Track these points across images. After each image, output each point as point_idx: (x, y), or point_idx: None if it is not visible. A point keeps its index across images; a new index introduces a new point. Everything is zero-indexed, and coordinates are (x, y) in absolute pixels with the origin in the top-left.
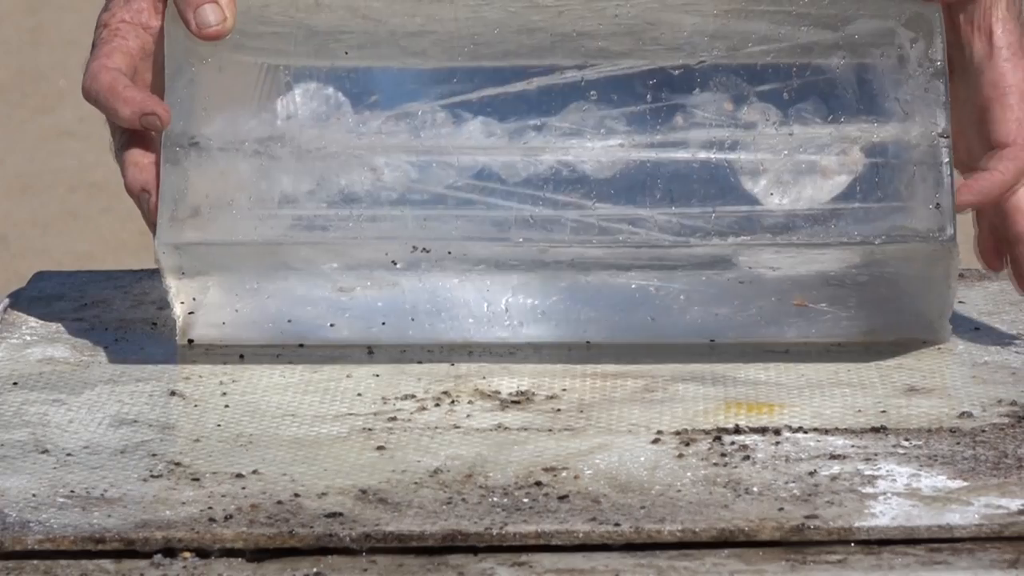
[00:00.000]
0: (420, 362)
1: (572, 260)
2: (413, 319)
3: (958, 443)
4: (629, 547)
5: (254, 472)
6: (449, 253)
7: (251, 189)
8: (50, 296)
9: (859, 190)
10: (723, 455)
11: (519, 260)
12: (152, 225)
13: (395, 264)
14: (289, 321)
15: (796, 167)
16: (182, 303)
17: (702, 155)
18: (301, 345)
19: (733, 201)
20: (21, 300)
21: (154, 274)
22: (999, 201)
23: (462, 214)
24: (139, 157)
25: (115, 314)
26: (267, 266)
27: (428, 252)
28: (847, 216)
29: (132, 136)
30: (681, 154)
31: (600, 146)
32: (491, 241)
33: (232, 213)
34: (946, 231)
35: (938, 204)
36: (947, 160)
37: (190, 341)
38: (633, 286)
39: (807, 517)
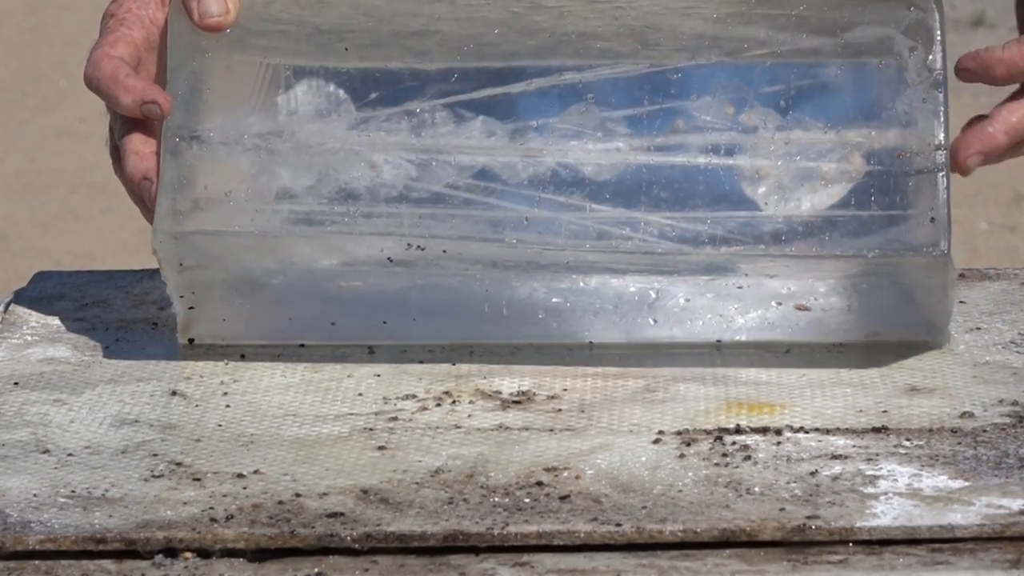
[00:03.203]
0: (421, 362)
1: (568, 263)
2: (415, 318)
3: (959, 443)
4: (630, 547)
5: (255, 472)
6: (444, 252)
7: (250, 183)
8: (51, 296)
9: (856, 200)
10: (724, 455)
11: (515, 261)
12: (150, 214)
13: (390, 261)
14: (290, 319)
15: (796, 173)
16: (181, 297)
17: (702, 159)
18: (302, 345)
19: (732, 206)
20: (22, 300)
21: (155, 274)
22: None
23: (459, 213)
24: (140, 146)
25: (116, 314)
26: (266, 261)
27: (423, 250)
28: (843, 227)
29: (132, 125)
30: (680, 158)
31: (600, 148)
32: (486, 242)
33: (231, 206)
34: (939, 246)
35: (933, 219)
36: (943, 173)
37: (191, 340)
38: (632, 288)
39: (808, 517)
